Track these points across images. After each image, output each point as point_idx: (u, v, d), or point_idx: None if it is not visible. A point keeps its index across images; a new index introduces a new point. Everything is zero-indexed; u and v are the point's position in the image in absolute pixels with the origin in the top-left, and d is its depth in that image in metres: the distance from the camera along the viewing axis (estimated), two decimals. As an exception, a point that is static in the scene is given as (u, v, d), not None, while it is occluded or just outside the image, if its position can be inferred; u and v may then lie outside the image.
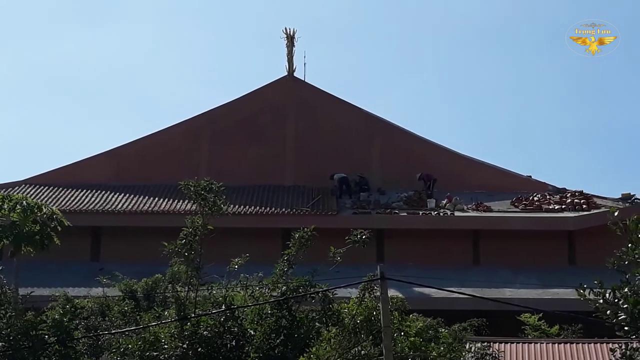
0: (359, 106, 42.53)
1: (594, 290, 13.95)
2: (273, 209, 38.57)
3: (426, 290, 31.60)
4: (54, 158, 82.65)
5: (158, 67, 76.54)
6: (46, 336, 18.98)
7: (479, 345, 21.51)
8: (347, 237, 19.73)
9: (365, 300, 18.87)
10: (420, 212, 38.37)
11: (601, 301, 13.81)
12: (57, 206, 29.38)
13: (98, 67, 74.17)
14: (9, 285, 19.85)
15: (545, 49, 75.77)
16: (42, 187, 40.54)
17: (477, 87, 77.51)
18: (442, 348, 18.58)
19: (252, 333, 18.63)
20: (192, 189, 19.53)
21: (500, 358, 21.53)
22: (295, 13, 74.71)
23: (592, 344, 25.17)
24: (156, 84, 75.90)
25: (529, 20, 76.48)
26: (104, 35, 75.80)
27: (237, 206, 37.31)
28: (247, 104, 41.97)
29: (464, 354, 19.60)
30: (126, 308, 23.68)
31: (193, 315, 18.52)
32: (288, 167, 41.20)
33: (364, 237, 19.56)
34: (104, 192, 39.93)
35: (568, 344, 25.51)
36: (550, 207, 38.81)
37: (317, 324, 19.21)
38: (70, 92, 74.90)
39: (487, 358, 20.38)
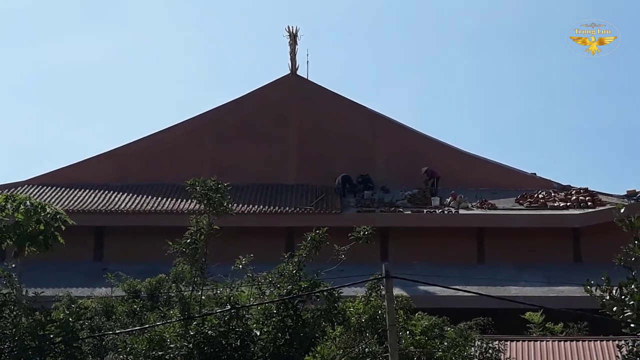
0: (363, 104, 42.48)
1: (601, 286, 13.88)
2: (277, 208, 38.51)
3: (431, 289, 31.57)
4: (57, 158, 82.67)
5: (161, 68, 76.52)
6: (52, 336, 18.89)
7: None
8: (350, 234, 19.60)
9: (372, 299, 18.79)
10: (425, 210, 38.29)
11: (608, 297, 13.73)
12: (59, 206, 29.28)
13: (100, 69, 74.17)
14: (16, 285, 19.76)
15: (548, 47, 75.67)
16: (45, 187, 40.50)
17: (481, 84, 77.43)
18: (445, 343, 18.57)
19: (257, 333, 18.55)
20: (198, 189, 19.35)
21: (503, 351, 21.50)
22: (298, 11, 74.61)
23: (599, 342, 25.08)
24: (159, 85, 75.87)
25: (530, 19, 76.39)
26: (105, 37, 75.81)
27: (240, 205, 37.22)
28: (249, 103, 41.88)
29: (467, 348, 19.57)
30: (135, 306, 23.63)
31: (198, 315, 18.44)
32: (291, 166, 41.10)
33: (367, 232, 19.41)
34: (106, 192, 39.88)
35: (574, 342, 25.43)
36: (555, 204, 38.72)
37: (322, 323, 19.12)
38: (72, 93, 74.91)
39: (490, 351, 20.32)
